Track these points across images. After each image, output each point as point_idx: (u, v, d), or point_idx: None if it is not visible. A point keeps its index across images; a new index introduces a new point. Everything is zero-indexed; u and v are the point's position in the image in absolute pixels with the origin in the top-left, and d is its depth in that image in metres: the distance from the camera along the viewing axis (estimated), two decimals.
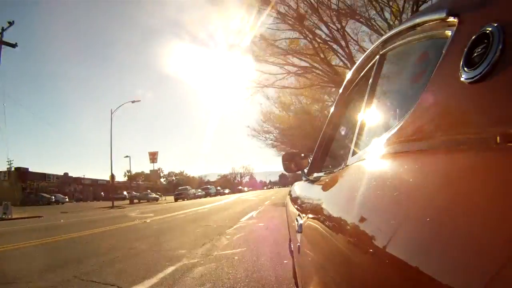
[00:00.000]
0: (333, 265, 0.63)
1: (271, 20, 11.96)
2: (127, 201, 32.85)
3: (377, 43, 0.89)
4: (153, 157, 40.35)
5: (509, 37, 0.34)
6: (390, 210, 0.43)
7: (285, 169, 1.90)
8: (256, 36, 12.39)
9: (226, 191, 55.03)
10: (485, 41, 0.37)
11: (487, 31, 0.37)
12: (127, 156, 36.13)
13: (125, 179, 59.11)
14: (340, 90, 1.34)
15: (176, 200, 31.74)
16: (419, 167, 0.43)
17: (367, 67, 1.01)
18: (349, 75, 1.22)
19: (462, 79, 0.38)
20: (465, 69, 0.38)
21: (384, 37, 0.84)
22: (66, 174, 44.72)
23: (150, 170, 40.34)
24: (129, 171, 66.45)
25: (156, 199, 34.66)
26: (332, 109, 1.48)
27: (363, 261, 0.45)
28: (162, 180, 68.90)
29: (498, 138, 0.30)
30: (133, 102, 25.99)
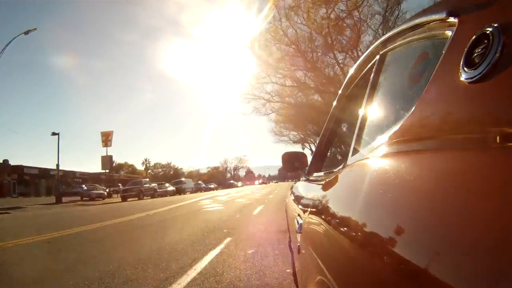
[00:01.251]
0: (333, 265, 0.63)
1: None
2: (78, 198, 24.53)
3: (377, 42, 0.90)
4: (107, 138, 29.59)
5: (509, 37, 0.34)
6: (390, 210, 0.43)
7: (285, 168, 1.90)
8: None
9: (212, 185, 45.58)
10: (485, 41, 0.37)
11: (487, 32, 0.37)
12: (55, 134, 22.78)
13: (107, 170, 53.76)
14: (340, 90, 1.34)
15: (124, 199, 22.33)
16: (419, 166, 0.43)
17: (367, 67, 1.01)
18: (349, 74, 1.22)
19: (462, 79, 0.38)
20: (465, 69, 0.38)
21: (384, 37, 0.85)
22: (5, 161, 33.50)
23: (102, 156, 29.18)
24: (114, 162, 61.49)
25: (102, 196, 25.62)
26: (332, 109, 1.48)
27: (363, 261, 0.46)
28: (149, 172, 63.47)
29: (498, 138, 0.30)
30: (26, 33, 17.67)
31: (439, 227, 0.31)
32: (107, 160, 29.65)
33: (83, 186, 28.57)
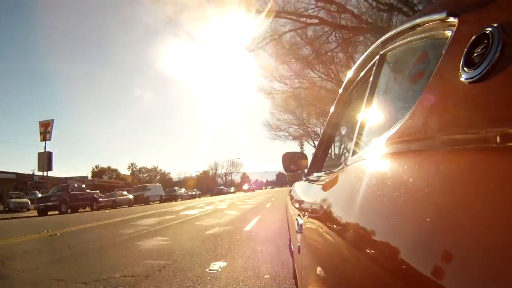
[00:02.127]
0: (333, 265, 0.63)
1: None
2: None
3: (377, 43, 0.90)
4: (45, 129, 22.55)
5: (509, 37, 0.34)
6: (390, 210, 0.43)
7: (285, 169, 1.90)
8: None
9: (194, 192, 38.09)
10: (485, 41, 0.37)
11: (487, 32, 0.37)
12: None
13: (89, 175, 46.00)
14: (340, 90, 1.34)
15: (42, 212, 15.55)
16: (419, 167, 0.43)
17: (367, 67, 1.01)
18: (349, 75, 1.22)
19: (462, 79, 0.38)
20: (465, 69, 0.38)
21: (384, 37, 0.85)
22: None
23: (39, 153, 21.85)
24: (97, 166, 52.03)
25: (25, 207, 19.40)
26: (332, 109, 1.48)
27: (363, 261, 0.46)
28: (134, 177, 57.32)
29: (498, 138, 0.30)
30: None
31: (439, 228, 0.31)
32: (45, 158, 21.39)
33: (37, 192, 22.81)
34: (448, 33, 0.49)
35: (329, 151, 1.89)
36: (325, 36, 11.85)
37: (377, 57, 0.88)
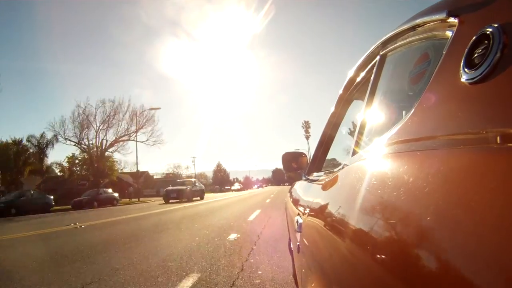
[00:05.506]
0: (332, 264, 0.63)
1: None
2: None
3: (377, 43, 0.90)
4: None
5: (509, 37, 0.34)
6: (390, 210, 0.43)
7: (285, 168, 1.91)
8: None
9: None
10: (485, 42, 0.37)
11: (487, 32, 0.37)
12: None
13: None
14: (341, 91, 1.34)
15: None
16: (420, 167, 0.43)
17: (368, 68, 1.01)
18: (349, 75, 1.22)
19: (462, 79, 0.39)
20: (466, 69, 0.38)
21: (384, 38, 0.85)
22: None
23: None
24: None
25: None
26: (332, 109, 1.48)
27: (363, 261, 0.46)
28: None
29: (498, 138, 0.30)
30: None
31: (439, 228, 0.31)
32: None
33: None
34: (449, 34, 0.49)
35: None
36: None
37: (378, 57, 0.88)
